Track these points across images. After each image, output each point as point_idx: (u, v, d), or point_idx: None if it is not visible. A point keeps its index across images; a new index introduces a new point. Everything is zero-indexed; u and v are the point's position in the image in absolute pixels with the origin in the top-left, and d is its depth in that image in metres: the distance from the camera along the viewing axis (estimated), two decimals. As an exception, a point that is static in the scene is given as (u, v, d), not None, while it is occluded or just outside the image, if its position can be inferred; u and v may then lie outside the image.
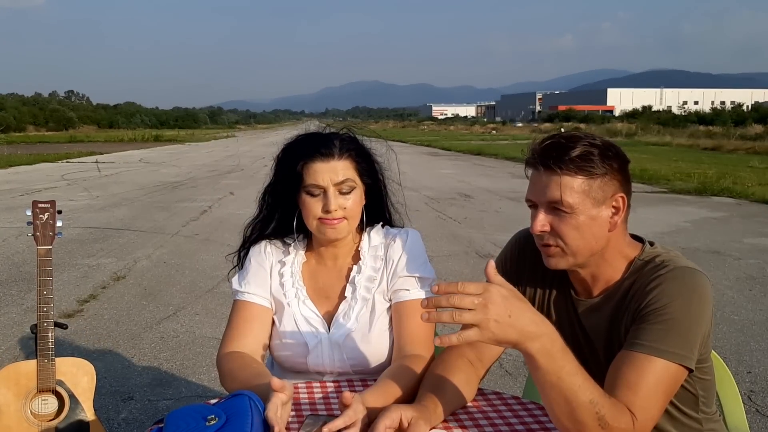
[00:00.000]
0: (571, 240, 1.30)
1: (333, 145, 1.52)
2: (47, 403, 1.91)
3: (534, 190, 1.31)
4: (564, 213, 1.28)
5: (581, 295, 1.42)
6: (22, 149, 27.86)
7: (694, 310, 1.24)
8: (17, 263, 6.28)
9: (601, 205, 1.29)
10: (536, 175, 1.31)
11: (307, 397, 1.47)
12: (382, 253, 1.61)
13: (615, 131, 39.59)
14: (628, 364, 1.22)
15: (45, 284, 1.94)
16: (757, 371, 3.63)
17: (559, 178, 1.26)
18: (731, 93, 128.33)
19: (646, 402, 1.18)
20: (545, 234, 1.31)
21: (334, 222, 1.51)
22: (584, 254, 1.32)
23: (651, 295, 1.27)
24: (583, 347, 1.41)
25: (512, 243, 1.55)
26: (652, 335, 1.22)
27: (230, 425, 1.14)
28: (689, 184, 12.66)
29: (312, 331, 1.58)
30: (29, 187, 13.12)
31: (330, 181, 1.50)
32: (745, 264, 6.20)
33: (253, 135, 61.95)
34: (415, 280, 1.57)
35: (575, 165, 1.26)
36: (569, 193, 1.26)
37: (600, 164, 1.27)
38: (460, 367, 1.43)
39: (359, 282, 1.59)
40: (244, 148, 31.25)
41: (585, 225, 1.29)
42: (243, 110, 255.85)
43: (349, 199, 1.52)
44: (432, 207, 10.08)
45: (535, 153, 1.31)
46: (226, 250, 6.51)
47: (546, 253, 1.35)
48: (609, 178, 1.28)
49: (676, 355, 1.21)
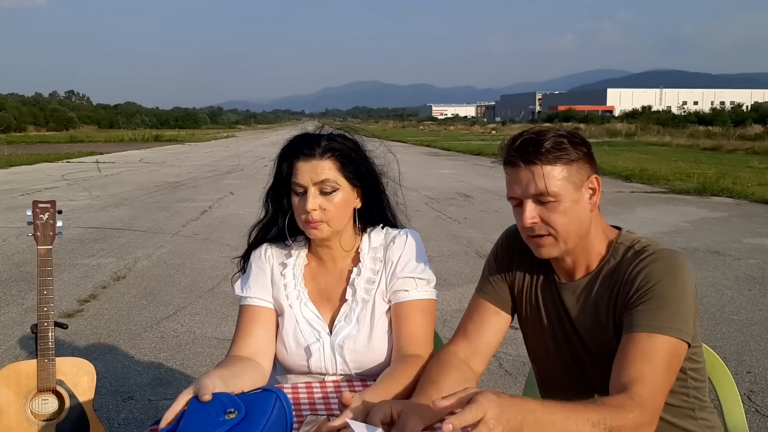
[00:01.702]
0: (561, 226, 1.35)
1: (317, 145, 1.52)
2: (47, 403, 1.91)
3: (517, 186, 1.36)
4: (550, 202, 1.33)
5: (563, 279, 1.48)
6: (22, 149, 27.88)
7: (679, 285, 1.32)
8: (17, 263, 6.28)
9: (580, 188, 1.36)
10: (516, 172, 1.36)
11: (307, 397, 1.47)
12: (381, 254, 1.61)
13: (615, 131, 39.59)
14: (631, 346, 1.28)
15: (45, 284, 1.94)
16: (756, 371, 3.63)
17: (540, 169, 1.32)
18: (731, 93, 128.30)
19: (653, 377, 1.23)
20: (535, 225, 1.36)
21: (314, 224, 1.51)
22: (574, 238, 1.38)
23: (638, 279, 1.34)
24: (567, 331, 1.47)
25: (502, 238, 1.61)
26: (648, 315, 1.30)
27: (245, 422, 1.13)
28: (689, 184, 12.67)
29: (313, 334, 1.59)
30: (29, 187, 13.12)
31: (310, 180, 1.50)
32: (745, 264, 6.20)
33: (253, 135, 61.95)
34: (414, 281, 1.57)
35: (552, 155, 1.32)
36: (552, 182, 1.32)
37: (572, 150, 1.33)
38: (455, 366, 1.45)
39: (359, 284, 1.59)
40: (244, 148, 31.26)
41: (571, 210, 1.35)
42: (243, 110, 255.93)
43: (331, 200, 1.52)
44: (432, 207, 10.08)
45: (512, 151, 1.36)
46: (227, 250, 6.48)
47: (538, 244, 1.39)
48: (582, 162, 1.35)
49: (673, 329, 1.28)
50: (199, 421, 1.11)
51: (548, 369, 1.58)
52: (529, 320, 1.55)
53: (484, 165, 19.81)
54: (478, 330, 1.52)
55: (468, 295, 4.73)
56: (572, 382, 1.50)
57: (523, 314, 1.56)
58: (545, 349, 1.54)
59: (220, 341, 4.04)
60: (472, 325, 1.53)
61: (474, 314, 1.55)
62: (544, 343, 1.53)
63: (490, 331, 1.53)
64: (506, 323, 1.56)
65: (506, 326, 1.56)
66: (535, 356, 1.61)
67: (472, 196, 11.60)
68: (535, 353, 1.60)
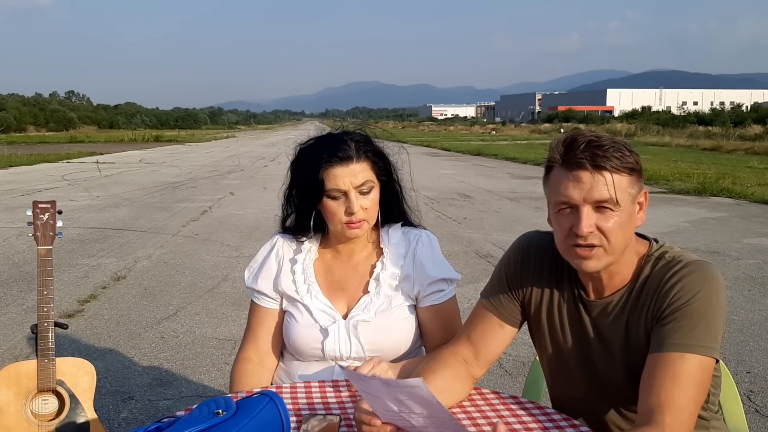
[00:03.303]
0: (616, 238, 1.28)
1: (349, 148, 1.55)
2: (48, 403, 1.91)
3: (577, 190, 1.26)
4: (610, 211, 1.26)
5: (591, 296, 1.40)
6: (22, 149, 27.87)
7: (714, 301, 1.26)
8: (18, 263, 6.28)
9: (635, 201, 1.30)
10: (580, 175, 1.26)
11: (306, 397, 1.48)
12: (404, 251, 1.66)
13: (614, 132, 39.56)
14: (662, 366, 1.22)
15: (45, 284, 1.94)
16: (756, 371, 3.63)
17: (610, 176, 1.25)
18: (730, 93, 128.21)
19: (685, 402, 1.19)
20: (591, 234, 1.27)
21: (358, 224, 1.56)
22: (621, 251, 1.31)
23: (672, 293, 1.27)
24: (595, 350, 1.40)
25: (515, 249, 1.51)
26: (681, 332, 1.24)
27: (229, 420, 1.18)
28: (688, 184, 12.67)
29: (328, 318, 1.63)
30: (30, 188, 13.12)
31: (351, 184, 1.53)
32: (745, 264, 6.20)
33: (254, 135, 61.94)
34: (446, 282, 1.66)
35: (620, 162, 1.25)
36: (619, 191, 1.25)
37: (633, 160, 1.27)
38: (450, 365, 1.44)
39: (383, 279, 1.64)
40: (244, 149, 31.26)
41: (626, 222, 1.28)
42: (243, 111, 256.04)
43: (370, 198, 1.57)
44: (432, 207, 10.08)
45: (576, 153, 1.26)
46: (227, 250, 6.49)
47: (585, 256, 1.29)
48: (638, 175, 1.29)
49: (706, 348, 1.23)
50: (191, 420, 1.17)
51: (567, 387, 1.51)
52: (549, 338, 1.47)
53: (483, 165, 19.82)
54: (482, 338, 1.48)
55: (468, 295, 4.75)
56: (591, 403, 1.45)
57: (542, 332, 1.48)
58: (567, 367, 1.46)
59: (220, 341, 4.04)
60: (475, 332, 1.49)
61: (478, 323, 1.50)
62: (566, 361, 1.46)
63: (493, 342, 1.48)
64: (511, 336, 1.51)
65: (511, 339, 1.51)
66: (554, 374, 1.53)
67: (471, 197, 11.60)
68: (553, 371, 1.53)
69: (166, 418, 1.21)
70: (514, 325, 1.50)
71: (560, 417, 1.37)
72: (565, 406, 1.51)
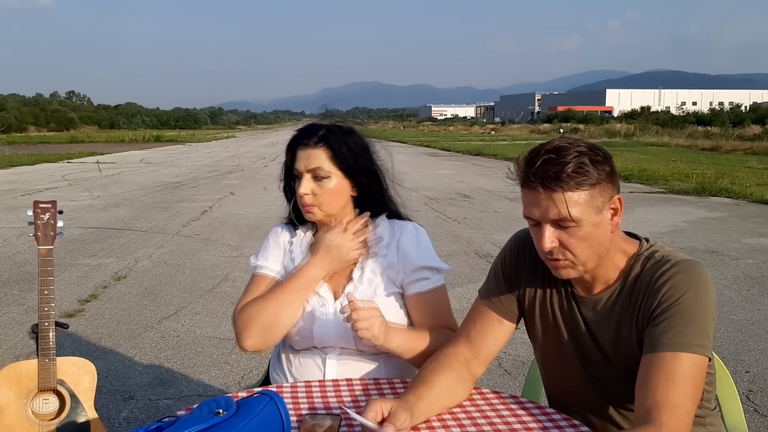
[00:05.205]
0: (580, 251, 1.30)
1: (314, 135, 1.63)
2: (48, 403, 1.92)
3: (536, 209, 1.29)
4: (570, 227, 1.28)
5: (582, 293, 1.43)
6: (23, 149, 27.88)
7: (703, 299, 1.27)
8: (18, 263, 6.29)
9: (601, 211, 1.29)
10: (535, 195, 1.28)
11: (306, 397, 1.48)
12: (388, 240, 1.68)
13: (614, 132, 39.60)
14: (656, 366, 1.24)
15: (46, 284, 1.95)
16: (755, 371, 3.64)
17: (562, 195, 1.25)
18: (729, 94, 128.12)
19: (681, 401, 1.20)
20: (554, 250, 1.31)
21: (308, 207, 1.64)
22: (593, 261, 1.33)
23: (661, 292, 1.29)
24: (587, 343, 1.42)
25: (511, 245, 1.55)
26: (672, 332, 1.25)
27: (229, 420, 1.19)
28: (688, 184, 12.67)
29: (319, 301, 1.67)
30: (30, 188, 13.13)
31: (304, 167, 1.63)
32: (744, 264, 6.21)
33: (254, 135, 61.94)
34: (431, 270, 1.68)
35: (574, 181, 1.24)
36: (574, 208, 1.26)
37: (594, 173, 1.26)
38: (453, 366, 1.45)
39: (367, 266, 1.68)
40: (244, 149, 31.27)
41: (591, 234, 1.29)
42: (243, 111, 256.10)
43: (323, 186, 1.62)
44: (431, 207, 10.09)
45: (529, 174, 1.27)
46: (227, 250, 6.49)
47: (556, 266, 1.34)
48: (604, 184, 1.28)
49: (698, 346, 1.24)
50: (191, 419, 1.18)
51: (563, 383, 1.53)
52: (543, 333, 1.50)
53: (483, 165, 19.83)
54: (481, 335, 1.50)
55: (468, 295, 4.75)
56: (588, 397, 1.46)
57: (536, 327, 1.51)
58: (562, 363, 1.49)
59: (221, 341, 4.05)
60: (474, 330, 1.51)
61: (477, 320, 1.52)
62: (560, 357, 1.49)
63: (492, 338, 1.50)
64: (509, 332, 1.53)
65: (509, 334, 1.53)
66: (549, 370, 1.56)
67: (471, 197, 11.60)
68: (548, 367, 1.56)
69: (166, 418, 1.22)
70: (512, 321, 1.52)
71: (560, 417, 1.38)
72: (561, 401, 1.53)
